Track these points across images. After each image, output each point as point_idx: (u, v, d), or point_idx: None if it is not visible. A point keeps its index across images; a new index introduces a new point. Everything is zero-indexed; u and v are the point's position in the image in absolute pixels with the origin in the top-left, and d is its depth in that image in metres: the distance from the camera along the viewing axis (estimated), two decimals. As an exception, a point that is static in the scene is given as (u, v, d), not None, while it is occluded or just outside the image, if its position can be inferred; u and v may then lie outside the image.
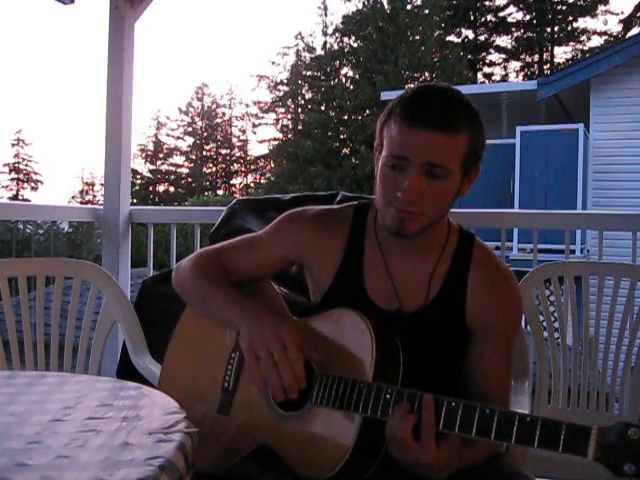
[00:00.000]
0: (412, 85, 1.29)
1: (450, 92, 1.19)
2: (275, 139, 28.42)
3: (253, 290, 1.39)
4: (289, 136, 26.08)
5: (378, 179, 1.23)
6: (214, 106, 31.83)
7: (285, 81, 26.62)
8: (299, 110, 25.70)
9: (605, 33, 26.54)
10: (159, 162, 31.56)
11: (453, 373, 1.29)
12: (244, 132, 31.75)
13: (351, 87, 23.30)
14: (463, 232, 1.34)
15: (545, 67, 27.21)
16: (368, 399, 1.12)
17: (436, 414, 1.05)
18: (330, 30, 24.74)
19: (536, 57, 27.85)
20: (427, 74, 22.78)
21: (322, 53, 24.64)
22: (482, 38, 27.81)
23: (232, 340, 1.32)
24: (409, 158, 1.15)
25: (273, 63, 26.61)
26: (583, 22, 26.66)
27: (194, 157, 31.29)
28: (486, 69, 28.43)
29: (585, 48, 26.55)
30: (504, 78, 27.58)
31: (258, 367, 1.17)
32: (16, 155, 31.01)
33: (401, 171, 1.17)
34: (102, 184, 3.14)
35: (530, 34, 27.24)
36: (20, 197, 30.34)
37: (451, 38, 26.35)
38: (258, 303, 1.29)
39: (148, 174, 31.15)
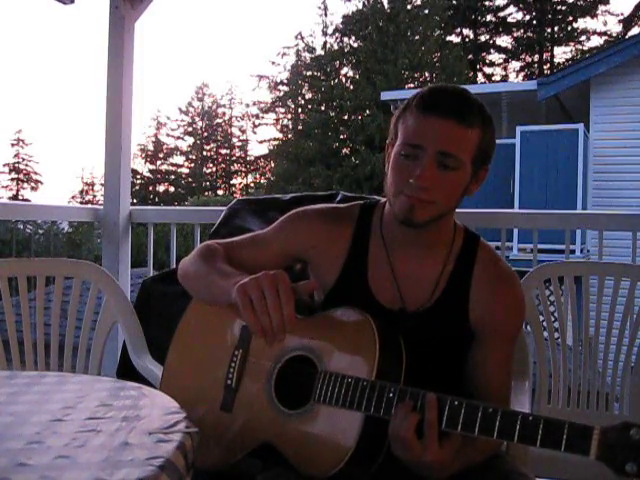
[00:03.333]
0: (411, 86, 1.31)
1: (465, 91, 1.24)
2: (275, 139, 28.46)
3: None
4: (289, 136, 26.10)
5: (390, 168, 1.24)
6: (214, 106, 31.84)
7: (285, 81, 26.63)
8: (299, 110, 25.71)
9: (605, 33, 26.56)
10: (159, 162, 31.57)
11: (455, 372, 1.30)
12: (244, 132, 31.79)
13: (351, 87, 23.30)
14: (468, 233, 1.35)
15: (545, 67, 27.22)
16: (371, 397, 1.12)
17: (439, 413, 1.06)
18: (330, 30, 24.77)
19: (536, 57, 27.85)
20: (427, 74, 22.78)
21: (322, 53, 24.64)
22: (482, 38, 27.82)
23: (235, 337, 1.32)
24: (423, 146, 1.18)
25: (273, 63, 26.65)
26: (583, 22, 26.73)
27: (194, 157, 31.29)
28: (486, 69, 28.46)
29: (585, 48, 26.57)
30: (504, 78, 27.61)
31: (252, 309, 1.12)
32: (16, 155, 31.02)
33: (414, 159, 1.19)
34: (102, 184, 3.14)
35: (530, 34, 27.25)
36: (20, 197, 30.33)
37: (451, 38, 26.36)
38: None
39: (148, 174, 31.16)
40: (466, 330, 1.28)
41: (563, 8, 26.25)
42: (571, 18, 26.39)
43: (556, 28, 26.84)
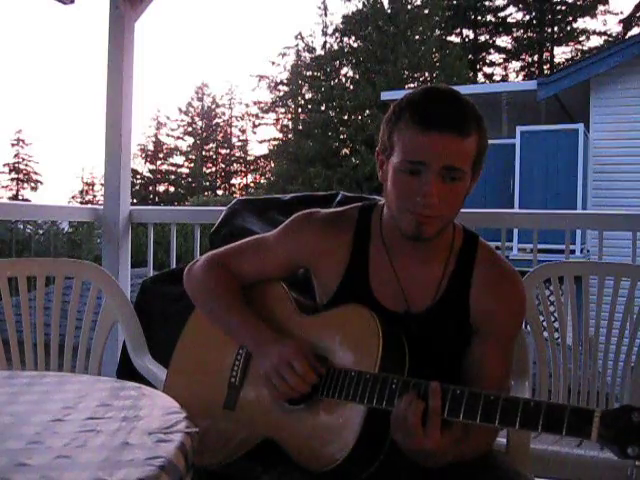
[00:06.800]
0: (411, 86, 1.30)
1: (456, 94, 1.22)
2: (275, 139, 28.41)
3: (262, 292, 1.42)
4: (289, 136, 26.08)
5: (391, 185, 1.23)
6: (214, 106, 31.79)
7: (285, 81, 26.60)
8: (299, 110, 25.68)
9: (605, 33, 26.53)
10: (159, 162, 31.52)
11: (457, 371, 1.30)
12: (244, 132, 31.73)
13: (351, 87, 23.27)
14: (467, 232, 1.35)
15: (545, 67, 27.20)
16: (374, 389, 1.13)
17: (442, 401, 1.07)
18: (330, 30, 24.72)
19: (536, 57, 27.83)
20: (427, 74, 22.75)
21: (322, 53, 24.61)
22: (482, 38, 27.78)
23: None
24: (426, 162, 1.16)
25: (273, 63, 26.58)
26: (583, 22, 26.66)
27: (194, 157, 31.24)
28: (486, 69, 28.43)
29: (585, 48, 26.55)
30: (504, 78, 27.57)
31: (279, 391, 1.23)
32: (16, 155, 30.97)
33: (417, 175, 1.18)
34: (102, 184, 3.14)
35: (530, 34, 27.22)
36: (20, 197, 30.30)
37: (451, 38, 26.33)
38: (264, 325, 1.32)
39: (148, 174, 31.11)
40: (467, 329, 1.29)
41: (563, 8, 26.22)
42: (571, 18, 26.36)
43: (556, 28, 26.81)
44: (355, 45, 23.93)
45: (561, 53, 27.54)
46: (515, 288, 1.30)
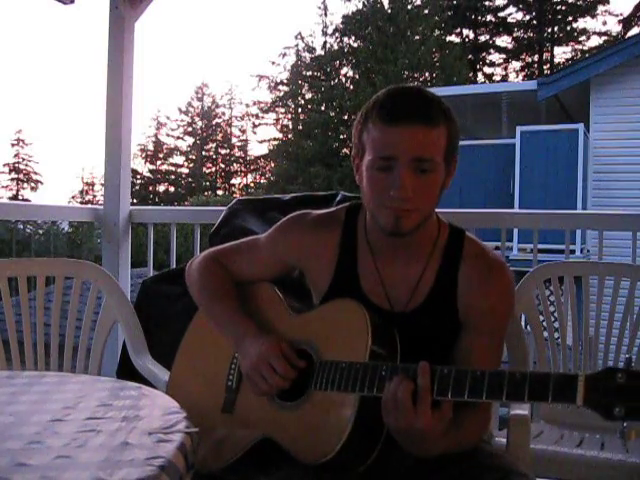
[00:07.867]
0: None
1: (420, 89, 1.23)
2: (275, 139, 28.45)
3: (254, 293, 1.43)
4: (289, 136, 26.10)
5: (366, 184, 1.24)
6: (214, 106, 31.80)
7: (285, 81, 26.62)
8: (299, 110, 25.70)
9: (605, 33, 26.55)
10: (159, 162, 31.53)
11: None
12: (244, 132, 31.74)
13: (351, 87, 23.30)
14: (453, 228, 1.35)
15: (545, 67, 27.20)
16: (364, 377, 1.14)
17: (431, 380, 1.07)
18: (330, 30, 24.77)
19: (536, 57, 27.84)
20: (427, 74, 22.79)
21: (322, 53, 24.64)
22: (482, 38, 27.80)
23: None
24: (396, 156, 1.17)
25: (273, 63, 26.63)
26: (583, 22, 26.68)
27: (194, 157, 31.25)
28: (486, 69, 28.44)
29: (585, 48, 26.55)
30: (504, 78, 27.58)
31: (260, 389, 1.26)
32: (16, 155, 30.95)
33: (389, 171, 1.18)
34: (102, 184, 3.14)
35: (530, 34, 27.24)
36: (20, 197, 30.28)
37: (451, 38, 26.36)
38: (248, 320, 1.35)
39: (148, 174, 31.12)
40: (456, 324, 1.29)
41: (563, 8, 26.23)
42: (571, 18, 26.37)
43: (556, 28, 26.81)
44: (355, 45, 23.95)
45: (561, 53, 27.58)
46: (502, 279, 1.29)
